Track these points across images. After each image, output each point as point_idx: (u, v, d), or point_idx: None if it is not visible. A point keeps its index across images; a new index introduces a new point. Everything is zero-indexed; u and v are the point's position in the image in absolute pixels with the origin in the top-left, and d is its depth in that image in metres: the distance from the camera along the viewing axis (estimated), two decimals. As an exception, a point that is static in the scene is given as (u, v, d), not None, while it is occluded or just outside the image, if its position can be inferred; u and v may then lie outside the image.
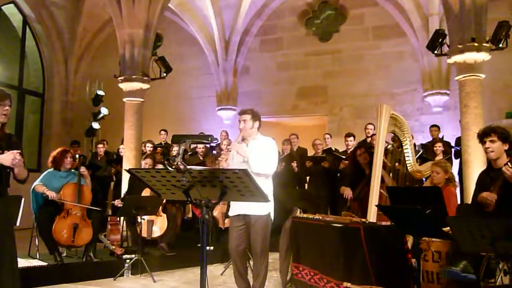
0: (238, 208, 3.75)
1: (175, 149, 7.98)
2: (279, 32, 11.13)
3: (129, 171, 2.29)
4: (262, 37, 11.25)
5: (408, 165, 4.91)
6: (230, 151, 3.69)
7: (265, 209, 3.75)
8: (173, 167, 2.12)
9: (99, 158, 8.82)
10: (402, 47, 10.04)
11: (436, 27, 8.51)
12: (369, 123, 8.05)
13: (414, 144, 7.38)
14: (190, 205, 7.30)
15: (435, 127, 8.36)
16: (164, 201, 6.09)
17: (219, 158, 3.61)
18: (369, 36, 10.33)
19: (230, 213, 3.84)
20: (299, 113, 10.82)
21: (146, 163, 6.48)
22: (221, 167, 3.58)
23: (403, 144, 4.88)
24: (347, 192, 5.31)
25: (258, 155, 3.64)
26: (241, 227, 3.77)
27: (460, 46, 6.44)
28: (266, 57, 11.18)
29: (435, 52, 7.45)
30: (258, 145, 3.74)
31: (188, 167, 2.13)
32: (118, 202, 6.17)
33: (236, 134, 9.98)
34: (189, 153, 8.34)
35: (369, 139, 7.90)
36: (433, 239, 3.79)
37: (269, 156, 3.70)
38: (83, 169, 5.65)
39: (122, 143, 8.73)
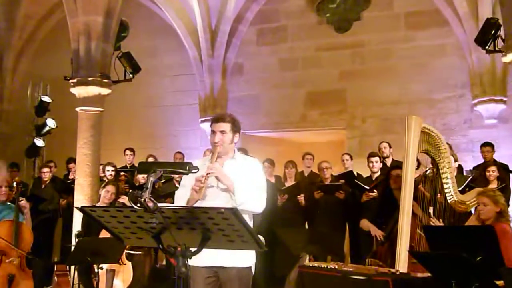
0: (208, 256, 3.27)
1: (142, 177, 8.02)
2: (282, 19, 11.28)
3: (81, 209, 2.32)
4: (260, 25, 11.39)
5: (447, 195, 4.94)
6: (207, 176, 3.45)
7: (247, 258, 3.60)
8: (139, 204, 2.15)
9: (43, 187, 8.83)
10: (443, 39, 10.17)
11: (488, 15, 8.63)
12: (382, 141, 8.18)
13: (461, 168, 7.47)
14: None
15: (488, 147, 8.41)
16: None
17: (193, 187, 3.43)
18: (400, 25, 10.47)
19: (195, 262, 3.32)
20: (309, 126, 10.89)
21: (107, 190, 6.49)
22: (192, 200, 3.46)
23: (439, 168, 4.92)
24: (374, 231, 5.30)
25: (244, 183, 3.55)
26: (211, 282, 3.60)
27: (518, 40, 6.54)
28: (266, 52, 11.30)
29: (487, 47, 7.57)
30: (237, 168, 3.63)
31: (160, 205, 2.16)
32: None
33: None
34: (162, 181, 8.38)
35: (387, 161, 8.01)
36: (485, 296, 3.80)
37: (259, 186, 3.63)
38: (22, 202, 5.65)
39: (69, 166, 8.75)
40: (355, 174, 8.22)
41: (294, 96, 10.97)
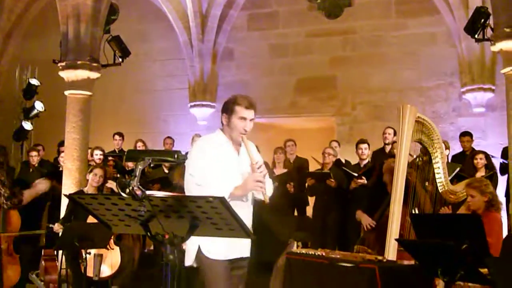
0: (233, 247, 3.38)
1: (131, 164, 8.00)
2: (273, 5, 11.24)
3: (69, 197, 2.31)
4: (251, 11, 11.34)
5: (438, 184, 4.97)
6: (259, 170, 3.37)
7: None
8: (128, 192, 2.15)
9: (31, 171, 8.79)
10: (434, 27, 10.19)
11: (478, 4, 8.65)
12: (388, 127, 8.13)
13: (450, 157, 7.52)
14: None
15: (467, 136, 8.41)
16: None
17: (255, 186, 3.32)
18: (391, 12, 10.47)
19: (224, 256, 3.37)
20: (299, 113, 10.91)
21: (95, 173, 6.48)
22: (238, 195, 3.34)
23: (432, 157, 4.94)
24: (365, 220, 5.34)
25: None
26: (240, 274, 3.52)
27: (507, 30, 6.56)
28: (256, 38, 11.26)
29: (476, 36, 7.59)
30: (246, 154, 3.50)
31: (148, 192, 2.16)
32: (58, 227, 6.16)
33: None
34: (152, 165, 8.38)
35: (388, 148, 8.00)
36: (470, 284, 3.85)
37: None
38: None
39: (61, 148, 8.69)
40: (343, 161, 8.25)
41: (285, 82, 10.96)
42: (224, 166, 3.40)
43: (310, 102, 10.77)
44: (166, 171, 8.33)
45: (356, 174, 7.30)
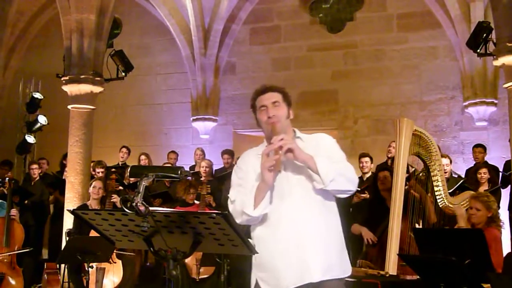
0: (295, 272, 2.74)
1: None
2: (275, 19, 11.30)
3: (73, 212, 2.32)
4: (253, 25, 11.40)
5: (438, 198, 4.98)
6: (280, 148, 2.70)
7: (343, 264, 2.91)
8: (131, 208, 2.15)
9: (32, 183, 8.81)
10: (435, 41, 10.23)
11: (480, 18, 8.69)
12: (393, 141, 8.14)
13: (451, 173, 7.51)
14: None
15: (480, 148, 8.46)
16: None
17: (264, 165, 2.68)
18: (392, 26, 10.53)
19: (282, 285, 2.77)
20: (301, 126, 10.45)
21: (94, 186, 6.55)
22: (263, 188, 2.74)
23: (430, 171, 4.95)
24: (366, 234, 5.33)
25: (328, 158, 2.82)
26: None
27: (510, 45, 6.58)
28: (258, 52, 11.31)
29: (478, 51, 7.60)
30: (308, 149, 2.83)
31: (152, 208, 2.17)
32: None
33: (216, 152, 10.03)
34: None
35: (390, 162, 8.02)
36: (473, 299, 3.84)
37: (342, 158, 2.93)
38: (15, 199, 5.64)
39: (64, 161, 8.72)
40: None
41: (287, 96, 10.97)
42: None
43: (311, 115, 10.78)
44: (167, 185, 8.35)
45: (358, 189, 7.30)
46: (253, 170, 2.88)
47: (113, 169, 8.33)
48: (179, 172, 2.31)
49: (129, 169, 2.41)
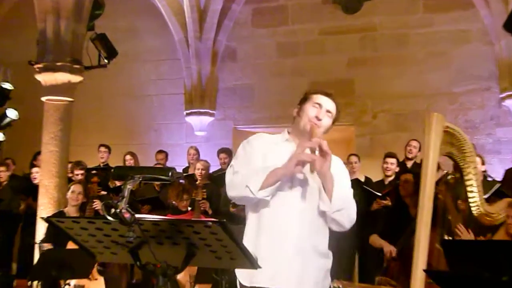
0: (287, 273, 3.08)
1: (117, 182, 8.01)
2: (281, -2, 11.29)
3: (48, 220, 2.32)
4: (257, 5, 11.39)
5: (472, 204, 4.94)
6: (318, 145, 3.01)
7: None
8: (115, 215, 2.14)
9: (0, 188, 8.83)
10: (467, 24, 10.20)
11: (519, -4, 8.65)
12: (413, 139, 8.18)
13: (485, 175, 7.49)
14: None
15: None
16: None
17: (299, 157, 2.96)
18: (417, 7, 10.50)
19: (253, 280, 3.06)
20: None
21: (73, 191, 6.55)
22: (280, 175, 3.01)
23: (463, 174, 4.91)
24: (386, 247, 5.31)
25: (342, 187, 3.18)
26: None
27: (552, 27, 6.56)
28: (262, 36, 11.30)
29: (516, 34, 7.57)
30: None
31: (138, 216, 2.16)
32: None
33: (213, 152, 10.03)
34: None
35: (410, 163, 8.04)
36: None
37: (351, 193, 3.30)
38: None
39: (34, 161, 8.72)
40: (363, 178, 8.26)
41: (295, 86, 10.91)
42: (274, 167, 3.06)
43: (324, 109, 10.74)
44: (157, 189, 8.34)
45: (379, 194, 7.31)
46: (262, 157, 3.17)
47: (94, 171, 8.34)
48: (170, 174, 2.30)
49: (112, 170, 2.41)
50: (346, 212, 3.14)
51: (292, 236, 3.05)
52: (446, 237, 5.12)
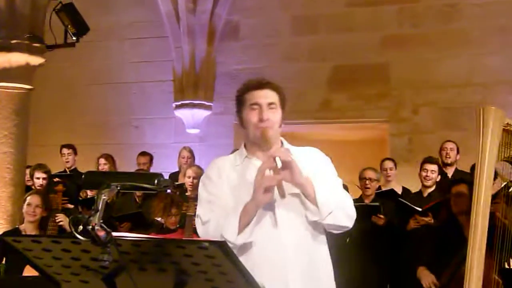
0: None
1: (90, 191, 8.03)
2: (297, -41, 11.32)
3: (1, 238, 2.34)
4: (265, -32, 11.41)
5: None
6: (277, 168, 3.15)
7: None
8: (85, 233, 2.16)
9: None
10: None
11: None
12: (448, 141, 8.26)
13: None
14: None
15: None
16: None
17: (263, 183, 3.11)
18: (471, -30, 10.49)
19: None
20: (334, 117, 10.92)
21: (29, 203, 6.55)
22: (252, 210, 3.16)
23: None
24: (427, 279, 5.34)
25: (323, 182, 3.30)
26: None
27: None
28: (273, 7, 11.32)
29: None
30: (298, 163, 3.26)
31: (115, 234, 2.18)
32: None
33: (210, 154, 10.03)
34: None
35: (451, 170, 8.08)
36: None
37: (339, 185, 3.46)
38: None
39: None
40: (400, 190, 8.25)
41: (313, 73, 10.98)
42: (242, 193, 3.25)
43: (350, 101, 10.77)
44: (138, 201, 8.36)
45: (419, 209, 7.31)
46: (227, 183, 3.36)
47: (56, 179, 8.36)
48: (155, 181, 2.31)
49: (83, 176, 2.42)
50: (340, 212, 3.25)
51: (290, 264, 3.20)
52: (506, 265, 5.14)
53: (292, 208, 3.25)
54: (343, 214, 3.26)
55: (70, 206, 7.81)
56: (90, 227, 2.13)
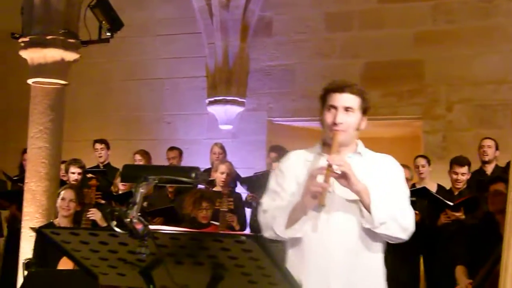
0: None
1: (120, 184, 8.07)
2: (331, -45, 11.26)
3: (39, 231, 2.36)
4: (299, -36, 11.37)
5: None
6: (331, 171, 3.26)
7: None
8: (123, 226, 2.17)
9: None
10: None
11: None
12: (486, 138, 8.21)
13: None
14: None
15: None
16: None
17: (311, 188, 3.23)
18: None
19: None
20: (367, 114, 10.81)
21: (63, 198, 6.62)
22: (301, 210, 3.31)
23: None
24: (462, 282, 5.36)
25: (383, 192, 3.39)
26: None
27: None
28: (305, 4, 11.29)
29: None
30: (366, 169, 3.48)
31: (152, 227, 2.18)
32: None
33: (243, 151, 10.04)
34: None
35: (489, 168, 8.02)
36: None
37: (405, 198, 3.52)
38: None
39: (24, 161, 8.85)
40: (434, 188, 8.21)
41: (346, 69, 10.93)
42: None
43: (383, 98, 10.70)
44: (170, 197, 8.39)
45: (451, 203, 7.27)
46: (295, 179, 3.49)
47: (90, 175, 8.41)
48: (193, 175, 2.30)
49: (120, 170, 2.43)
50: (394, 223, 3.31)
51: (331, 266, 3.33)
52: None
53: (348, 213, 3.36)
54: (397, 225, 3.33)
55: (103, 201, 7.87)
56: (128, 220, 2.14)
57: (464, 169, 7.79)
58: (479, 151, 8.29)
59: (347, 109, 3.43)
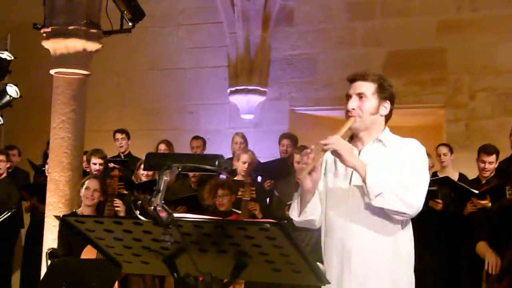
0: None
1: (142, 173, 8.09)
2: None
3: (63, 219, 2.37)
4: (321, -49, 11.33)
5: None
6: (322, 152, 3.42)
7: None
8: (147, 214, 2.18)
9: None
10: None
11: None
12: None
13: None
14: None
15: None
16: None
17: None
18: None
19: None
20: (391, 101, 10.76)
21: (88, 187, 6.66)
22: (304, 195, 3.57)
23: None
24: (491, 258, 5.32)
25: (387, 167, 3.49)
26: None
27: None
28: (327, -8, 11.25)
29: None
30: (386, 156, 3.57)
31: (176, 215, 2.19)
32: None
33: (265, 140, 10.05)
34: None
35: None
36: None
37: (414, 174, 3.49)
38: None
39: (47, 153, 8.90)
40: (456, 177, 8.17)
41: (369, 58, 10.89)
42: (328, 178, 3.68)
43: (406, 87, 10.65)
44: (193, 187, 8.41)
45: (476, 192, 7.23)
46: (324, 168, 3.69)
47: (112, 164, 8.44)
48: (216, 162, 2.29)
49: (144, 158, 2.44)
50: (392, 196, 3.35)
51: (348, 246, 3.49)
52: None
53: (362, 196, 3.47)
54: (396, 199, 3.35)
55: (125, 192, 7.89)
56: (152, 207, 2.14)
57: (492, 158, 7.74)
58: (510, 139, 8.14)
59: (359, 95, 3.60)
